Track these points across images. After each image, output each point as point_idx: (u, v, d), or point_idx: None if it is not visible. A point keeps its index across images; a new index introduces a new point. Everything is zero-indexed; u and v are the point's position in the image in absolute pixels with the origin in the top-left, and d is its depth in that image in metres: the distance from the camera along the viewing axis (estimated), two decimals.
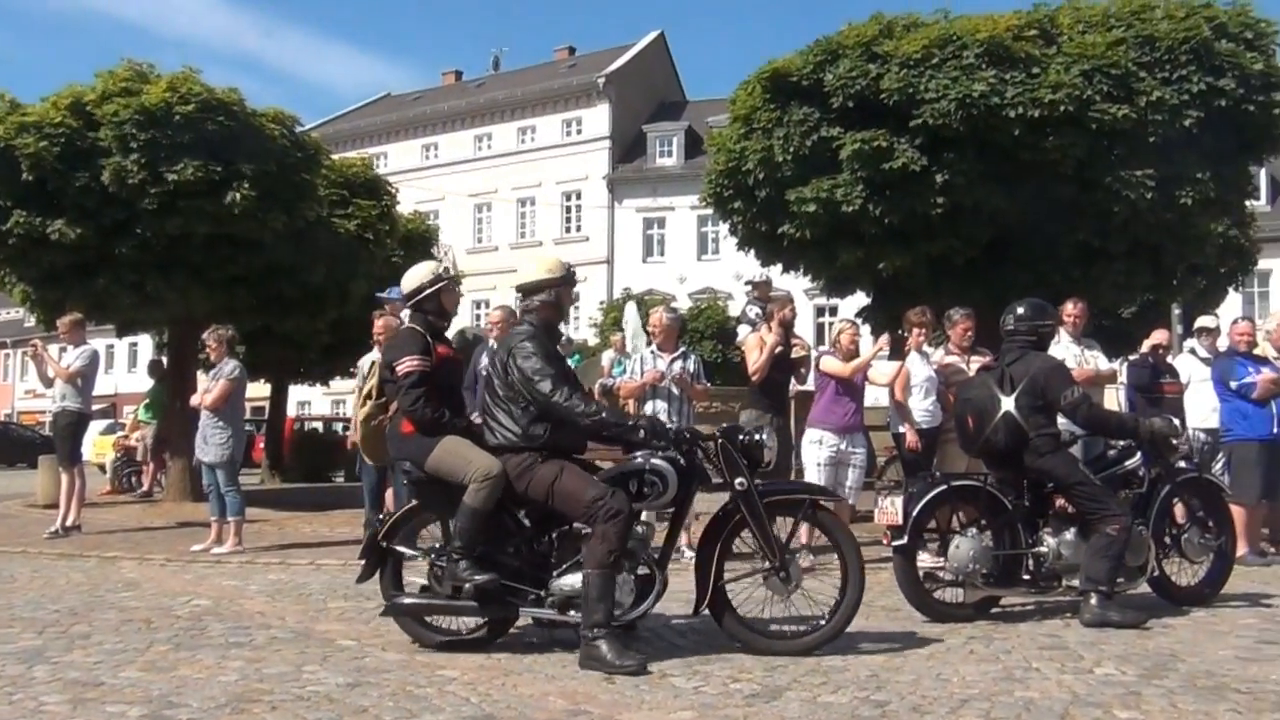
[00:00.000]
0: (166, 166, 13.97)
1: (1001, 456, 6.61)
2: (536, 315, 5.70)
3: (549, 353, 5.50)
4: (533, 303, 5.72)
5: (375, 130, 53.49)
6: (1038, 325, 6.83)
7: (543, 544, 5.57)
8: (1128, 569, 6.46)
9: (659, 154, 47.59)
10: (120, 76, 14.88)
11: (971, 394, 6.83)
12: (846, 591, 5.45)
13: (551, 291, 5.71)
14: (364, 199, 18.88)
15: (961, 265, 12.37)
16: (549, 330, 5.72)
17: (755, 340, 9.29)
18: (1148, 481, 6.83)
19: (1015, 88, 11.24)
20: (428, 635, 5.65)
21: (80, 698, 4.49)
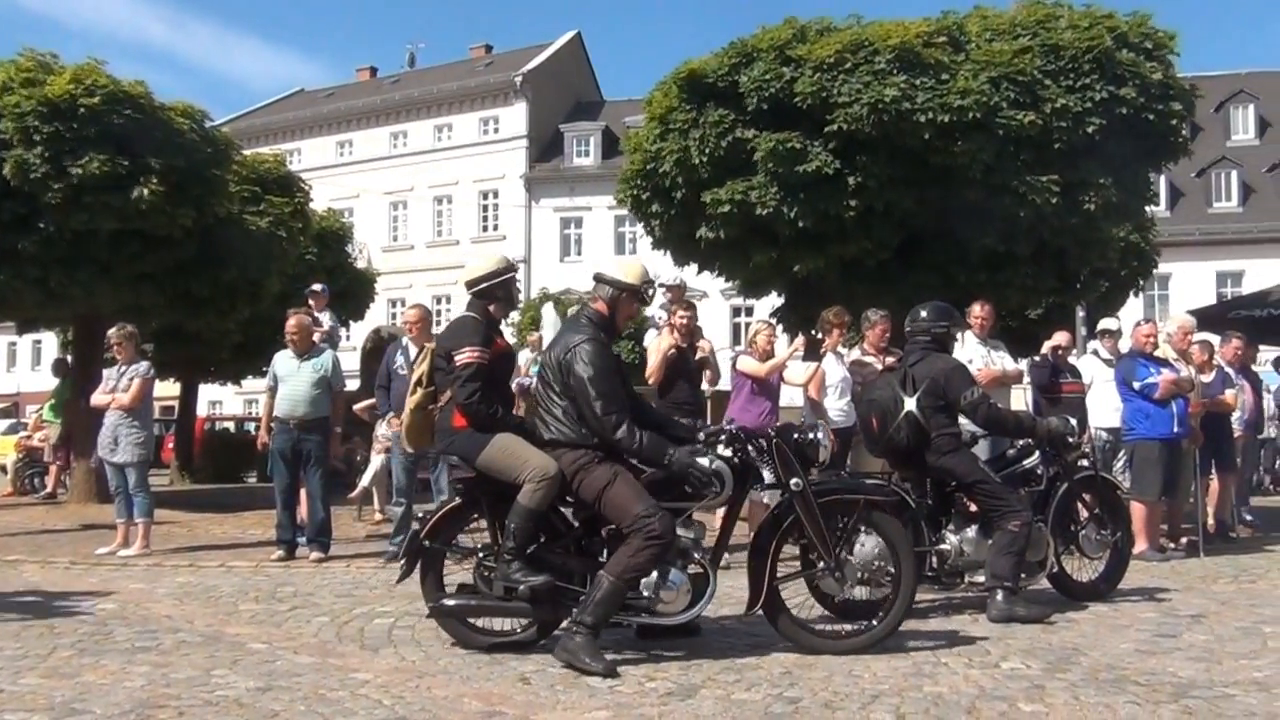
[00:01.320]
0: (71, 160, 13.62)
1: (905, 456, 6.73)
2: (596, 311, 5.61)
3: (608, 366, 5.39)
4: (595, 297, 5.66)
5: (288, 126, 52.66)
6: (940, 327, 6.96)
7: (593, 544, 5.48)
8: (1028, 565, 6.61)
9: (576, 153, 47.54)
10: (22, 67, 14.47)
11: (875, 395, 6.94)
12: (899, 590, 5.49)
13: (619, 294, 5.61)
14: (277, 196, 18.57)
15: (873, 267, 12.56)
16: (606, 328, 5.59)
17: (656, 344, 9.34)
18: (1046, 479, 7.01)
19: (925, 93, 11.46)
20: (473, 637, 5.52)
21: None
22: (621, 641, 5.62)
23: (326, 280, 15.54)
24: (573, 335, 5.47)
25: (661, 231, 13.75)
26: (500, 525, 5.45)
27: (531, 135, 47.83)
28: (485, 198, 48.39)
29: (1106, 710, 4.38)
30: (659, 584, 5.25)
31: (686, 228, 13.15)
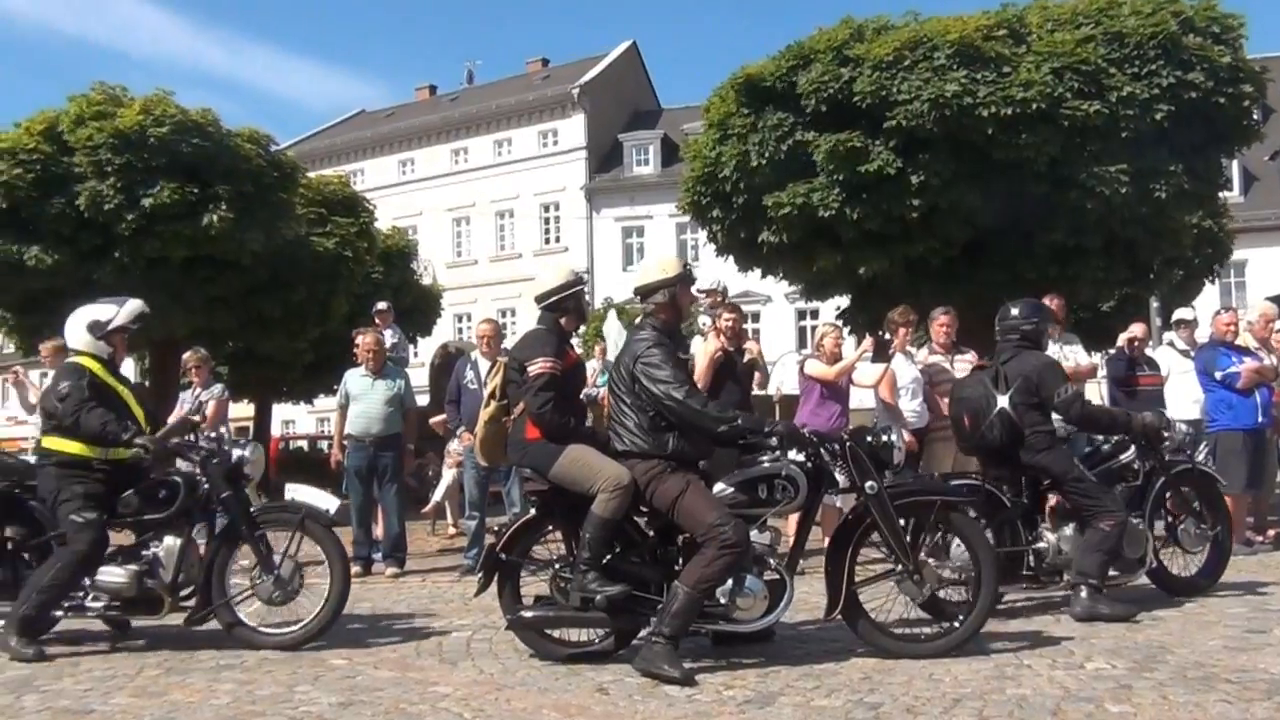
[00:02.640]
0: (143, 190, 13.95)
1: (998, 454, 6.64)
2: (656, 318, 5.57)
3: (675, 359, 5.40)
4: (650, 305, 5.61)
5: (351, 147, 53.34)
6: (1030, 324, 6.86)
7: (667, 552, 5.48)
8: (1127, 561, 6.50)
9: (635, 163, 47.60)
10: (93, 100, 14.86)
11: (966, 393, 6.86)
12: (980, 592, 5.43)
13: (667, 292, 5.57)
14: (342, 216, 18.86)
15: (939, 266, 12.43)
16: (671, 333, 5.59)
17: (704, 350, 9.31)
18: (1143, 475, 6.89)
19: (987, 87, 11.32)
20: (551, 648, 5.53)
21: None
22: (698, 649, 5.60)
23: (392, 298, 15.71)
24: (637, 344, 5.47)
25: (723, 237, 13.73)
26: (575, 536, 5.45)
27: (590, 146, 47.98)
28: (546, 210, 48.64)
29: (1197, 709, 4.28)
30: (735, 591, 5.23)
31: (749, 232, 13.12)
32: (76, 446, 5.97)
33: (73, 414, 5.86)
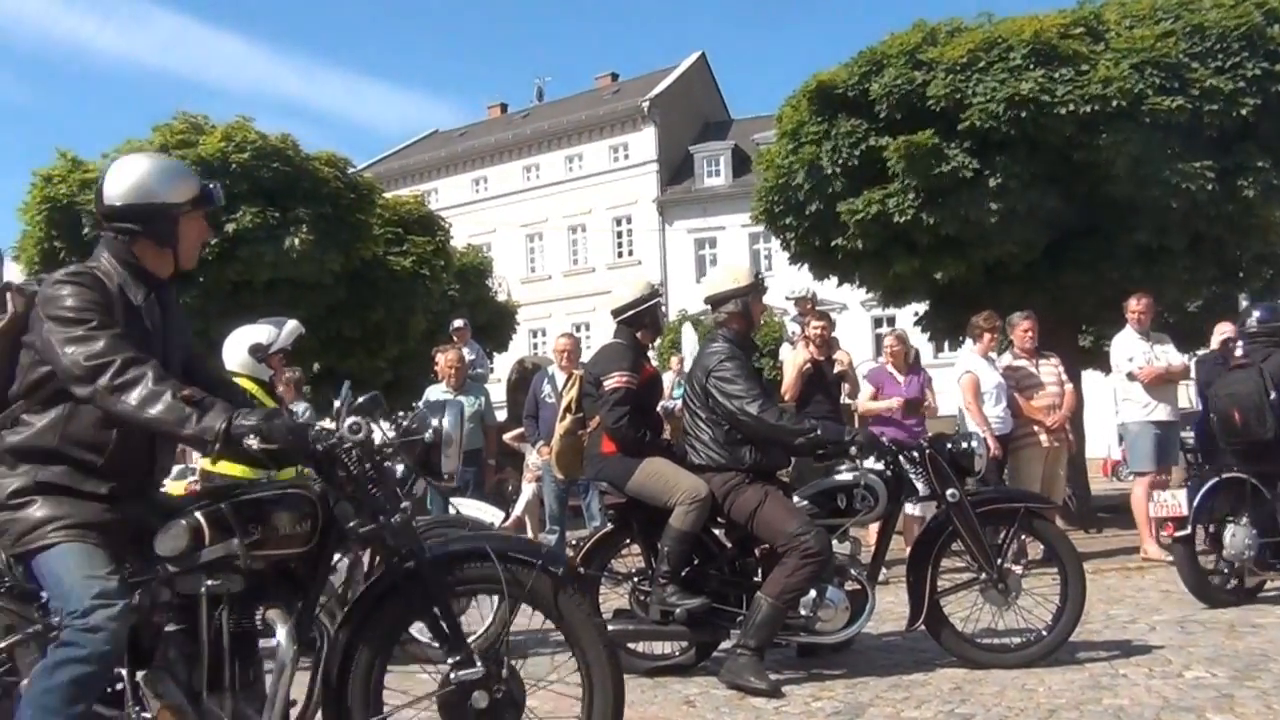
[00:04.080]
0: (225, 215, 14.23)
1: (1264, 449, 6.69)
2: (728, 328, 5.53)
3: (748, 371, 5.37)
4: (721, 315, 5.56)
5: (426, 167, 54.03)
6: (1272, 325, 7.01)
7: (747, 564, 5.44)
8: None
9: (707, 174, 47.61)
10: (176, 129, 15.25)
11: (1237, 389, 6.85)
12: (1067, 601, 5.35)
13: (739, 301, 5.53)
14: (418, 235, 19.11)
15: (1020, 269, 12.22)
16: (743, 343, 5.55)
17: (792, 358, 9.24)
18: None
19: (1064, 85, 11.11)
20: (633, 662, 5.46)
21: None
22: (783, 661, 5.56)
23: (468, 315, 15.87)
24: (710, 357, 5.43)
25: (797, 245, 13.64)
26: (654, 549, 5.43)
27: (662, 159, 48.08)
28: (619, 224, 48.82)
29: None
30: (817, 602, 5.18)
31: (823, 240, 13.03)
32: (239, 469, 6.02)
33: None
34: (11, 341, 3.07)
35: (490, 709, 3.07)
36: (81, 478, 3.00)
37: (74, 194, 14.49)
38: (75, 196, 14.47)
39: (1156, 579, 8.04)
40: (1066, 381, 9.17)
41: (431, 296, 18.43)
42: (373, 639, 3.16)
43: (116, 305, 3.02)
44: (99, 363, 2.86)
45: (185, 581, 2.98)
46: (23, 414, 3.03)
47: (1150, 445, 8.95)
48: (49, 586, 2.90)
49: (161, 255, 3.22)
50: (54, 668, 2.76)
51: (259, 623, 3.04)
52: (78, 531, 2.93)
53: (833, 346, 9.21)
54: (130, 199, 3.14)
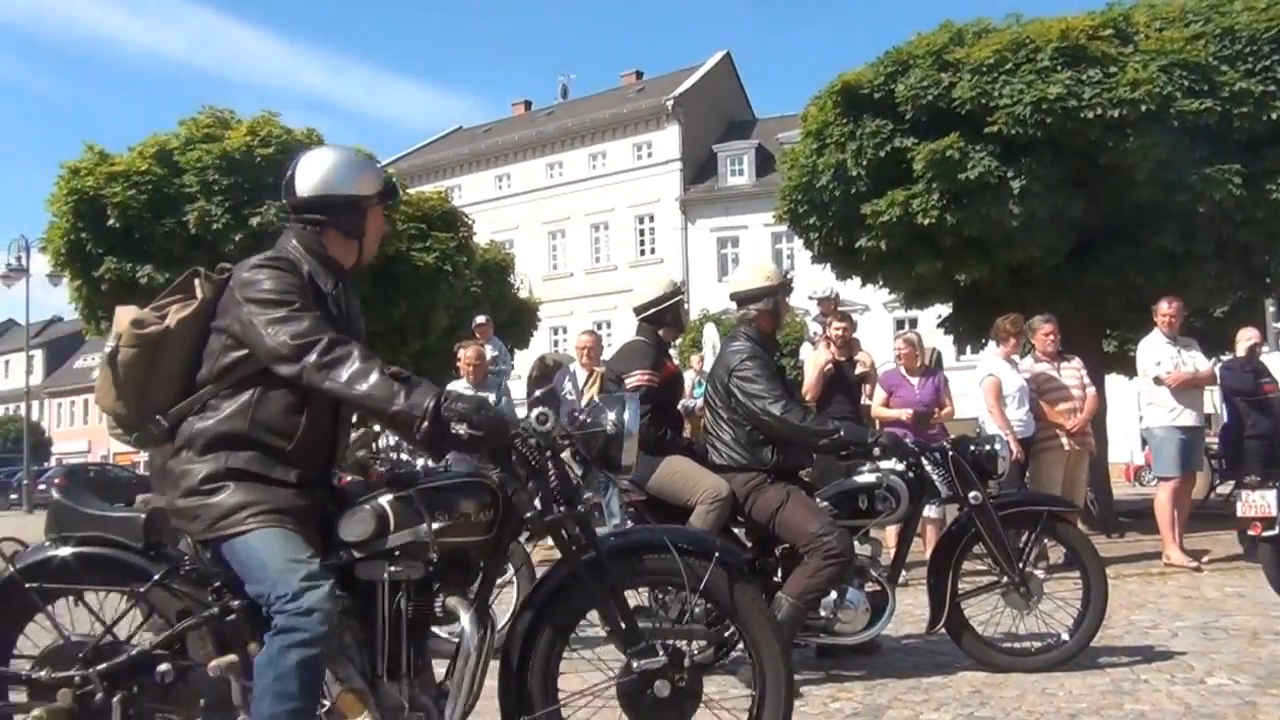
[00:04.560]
0: (249, 209, 14.28)
1: None
2: (753, 327, 5.47)
3: (771, 370, 5.32)
4: (749, 312, 5.49)
5: (449, 163, 54.19)
6: None
7: (767, 564, 5.42)
8: None
9: (730, 173, 47.57)
10: (202, 124, 15.31)
11: None
12: (1089, 606, 5.32)
13: (770, 300, 5.48)
14: (441, 231, 19.15)
15: (1044, 273, 12.16)
16: (766, 343, 5.50)
17: (813, 359, 9.20)
18: None
19: (1092, 88, 11.03)
20: None
21: None
22: (801, 662, 5.54)
23: (490, 311, 15.89)
24: (731, 356, 5.40)
25: (820, 245, 13.61)
26: None
27: (685, 157, 48.08)
28: (641, 222, 48.82)
29: None
30: (838, 603, 5.16)
31: (846, 240, 12.98)
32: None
33: None
34: (200, 327, 3.10)
35: (672, 698, 3.11)
36: (270, 463, 3.01)
37: (100, 186, 14.57)
38: (101, 189, 14.55)
39: (1179, 584, 8.00)
40: (1089, 385, 9.11)
41: (454, 292, 18.46)
42: (551, 628, 3.21)
43: (308, 294, 3.07)
44: (305, 341, 2.90)
45: (367, 567, 3.02)
46: (211, 399, 3.05)
47: (1175, 450, 8.89)
48: (249, 572, 2.92)
49: (347, 245, 3.27)
50: (279, 654, 2.79)
51: (439, 610, 3.08)
52: (274, 517, 2.95)
53: (854, 347, 9.16)
54: (320, 190, 3.19)
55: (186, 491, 3.00)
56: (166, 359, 3.06)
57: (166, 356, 3.06)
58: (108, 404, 3.11)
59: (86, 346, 64.52)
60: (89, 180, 14.70)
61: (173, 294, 3.16)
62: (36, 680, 3.06)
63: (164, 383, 3.08)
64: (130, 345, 3.02)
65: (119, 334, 3.05)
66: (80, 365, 70.33)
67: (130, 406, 3.09)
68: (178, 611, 3.10)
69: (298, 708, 2.80)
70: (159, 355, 3.05)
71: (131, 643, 3.13)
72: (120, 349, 3.03)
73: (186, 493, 3.00)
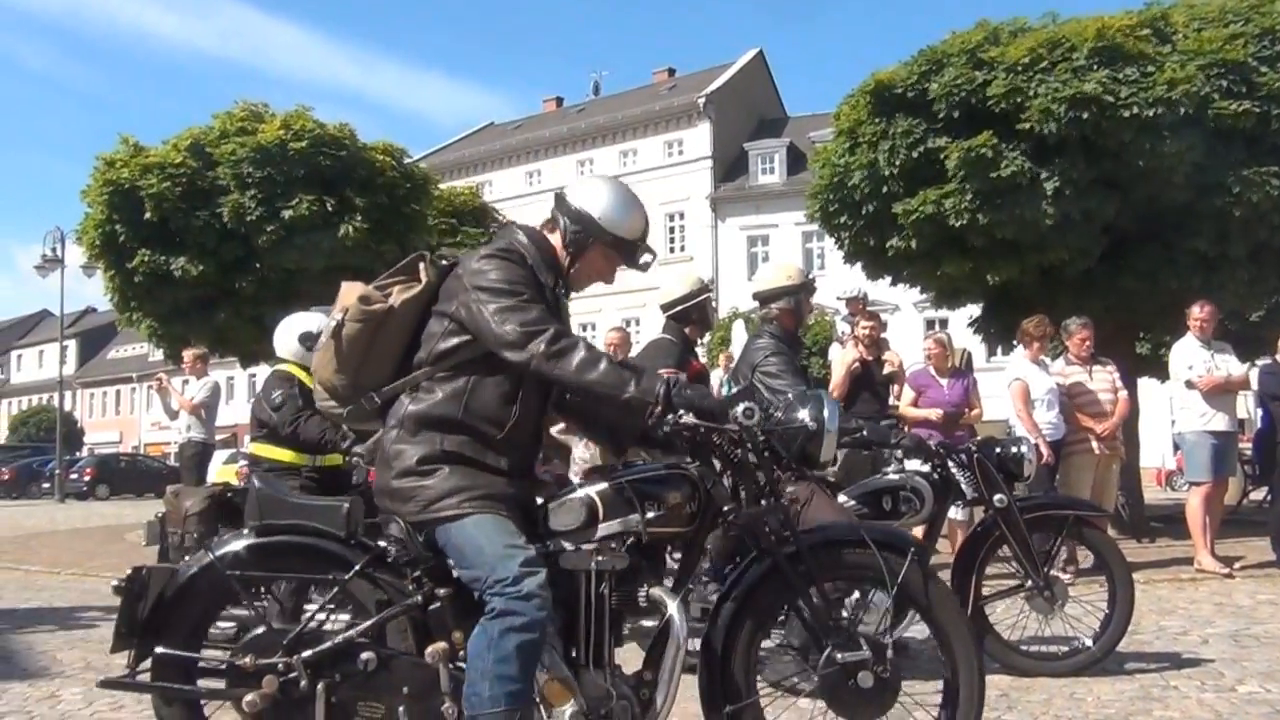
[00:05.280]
0: (282, 202, 14.36)
1: None
2: (775, 325, 5.46)
3: (794, 367, 5.28)
4: (771, 311, 5.49)
5: (480, 159, 54.30)
6: None
7: None
8: None
9: (761, 171, 47.46)
10: (236, 117, 15.40)
11: None
12: (1115, 611, 5.27)
13: (790, 299, 5.46)
14: (472, 227, 19.23)
15: (1076, 275, 12.05)
16: (789, 340, 5.46)
17: (841, 358, 9.14)
18: None
19: (1129, 87, 10.91)
20: None
21: None
22: None
23: None
24: (755, 353, 5.36)
25: (851, 244, 13.56)
26: None
27: (716, 155, 48.01)
28: (671, 219, 48.75)
29: None
30: (859, 604, 5.12)
31: (877, 239, 12.93)
32: (287, 454, 6.04)
33: (291, 423, 5.93)
34: (420, 309, 3.16)
35: (874, 688, 3.15)
36: (483, 449, 3.07)
37: (135, 178, 14.67)
38: (136, 180, 14.65)
39: (1210, 591, 7.91)
40: (1121, 389, 9.02)
41: None
42: (751, 620, 3.27)
43: (532, 286, 3.13)
44: (533, 329, 2.97)
45: (572, 557, 3.07)
46: (425, 381, 3.10)
47: (1207, 455, 8.79)
48: (465, 557, 2.97)
49: (564, 255, 3.31)
50: (500, 638, 2.85)
51: (642, 600, 3.10)
52: (489, 503, 3.01)
53: (882, 347, 9.10)
54: (589, 208, 3.27)
55: (402, 472, 3.06)
56: (386, 337, 3.15)
57: (386, 335, 3.15)
58: (326, 375, 3.20)
59: (119, 338, 65.10)
60: (124, 172, 14.81)
61: (396, 275, 3.24)
62: (239, 667, 3.10)
63: (381, 360, 3.16)
64: (355, 320, 3.11)
65: (345, 308, 3.14)
66: (113, 356, 71.06)
67: (347, 380, 3.17)
68: (378, 601, 3.14)
69: (517, 690, 2.87)
70: (380, 333, 3.14)
71: (333, 631, 3.17)
72: (345, 323, 3.12)
73: (402, 473, 3.06)
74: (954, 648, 3.24)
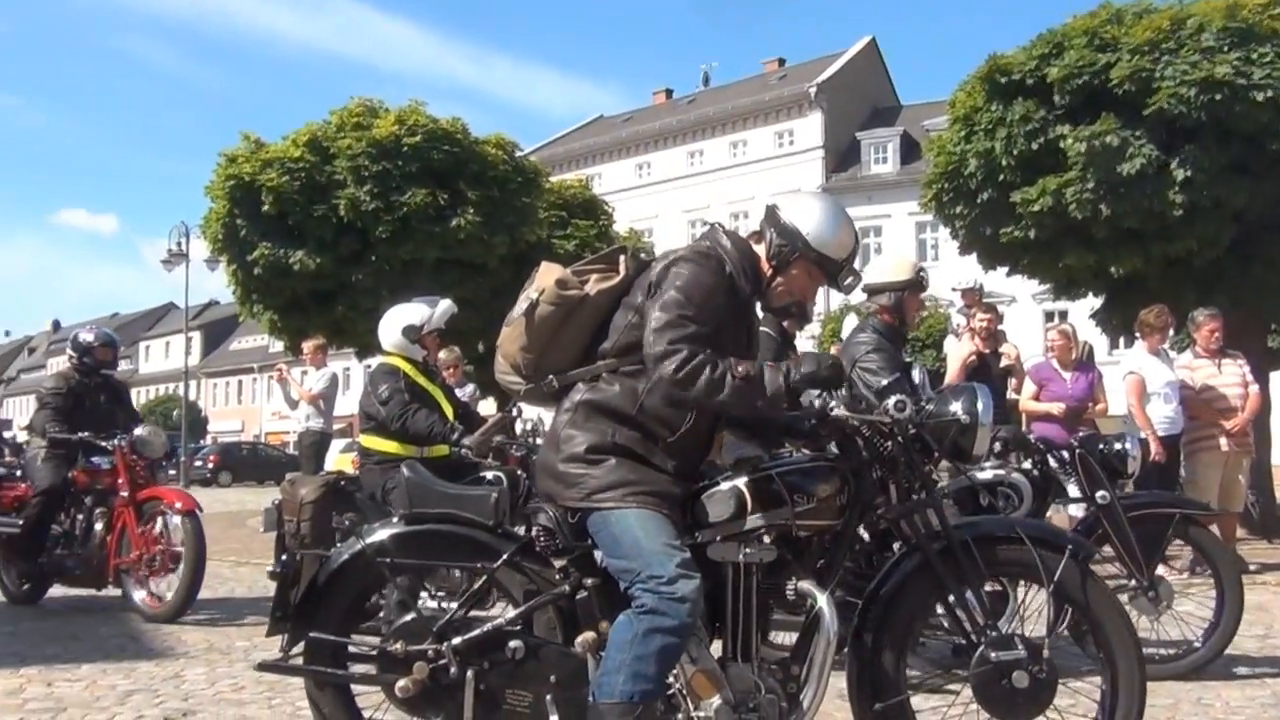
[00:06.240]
0: (397, 196, 14.60)
1: None
2: (879, 320, 5.32)
3: (895, 364, 5.13)
4: (877, 305, 5.37)
5: (590, 151, 54.60)
6: None
7: (884, 559, 5.35)
8: None
9: (874, 161, 46.86)
10: (353, 112, 15.71)
11: None
12: (1224, 612, 5.12)
13: (894, 295, 5.31)
14: (582, 219, 19.30)
15: (1203, 265, 11.60)
16: (893, 336, 5.31)
17: (957, 351, 8.92)
18: None
19: (1262, 68, 10.46)
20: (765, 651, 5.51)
21: None
22: None
23: None
24: (856, 347, 5.22)
25: (966, 234, 13.26)
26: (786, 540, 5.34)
27: (827, 145, 47.54)
28: None
29: None
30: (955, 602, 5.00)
31: (993, 229, 12.62)
32: (394, 446, 6.13)
33: (399, 416, 6.01)
34: (613, 301, 3.17)
35: (1030, 689, 3.07)
36: (651, 447, 3.06)
37: (256, 173, 15.08)
38: (257, 175, 15.05)
39: None
40: (1251, 383, 8.64)
41: None
42: (902, 616, 3.22)
43: (724, 293, 3.10)
44: (672, 350, 2.93)
45: (720, 549, 3.04)
46: (605, 373, 3.12)
47: None
48: (620, 548, 2.95)
49: (767, 268, 3.25)
50: (644, 636, 2.83)
51: (790, 593, 3.09)
52: (653, 500, 2.98)
53: (999, 340, 8.87)
54: (799, 224, 3.21)
55: (569, 458, 3.07)
56: (576, 323, 3.15)
57: (577, 322, 3.15)
58: (512, 351, 3.23)
59: (241, 329, 66.97)
60: (245, 167, 15.22)
61: (595, 263, 3.26)
62: (390, 653, 3.15)
63: (567, 345, 3.17)
64: (550, 303, 3.12)
65: (541, 289, 3.14)
66: (235, 347, 73.18)
67: (532, 360, 3.19)
68: (525, 590, 3.17)
69: (650, 690, 2.86)
70: (571, 318, 3.14)
71: (482, 619, 3.21)
72: (540, 304, 3.13)
73: (569, 459, 3.07)
74: (1114, 648, 3.14)
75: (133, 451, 7.12)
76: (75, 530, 7.19)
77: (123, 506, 6.97)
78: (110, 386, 7.87)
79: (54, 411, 7.38)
